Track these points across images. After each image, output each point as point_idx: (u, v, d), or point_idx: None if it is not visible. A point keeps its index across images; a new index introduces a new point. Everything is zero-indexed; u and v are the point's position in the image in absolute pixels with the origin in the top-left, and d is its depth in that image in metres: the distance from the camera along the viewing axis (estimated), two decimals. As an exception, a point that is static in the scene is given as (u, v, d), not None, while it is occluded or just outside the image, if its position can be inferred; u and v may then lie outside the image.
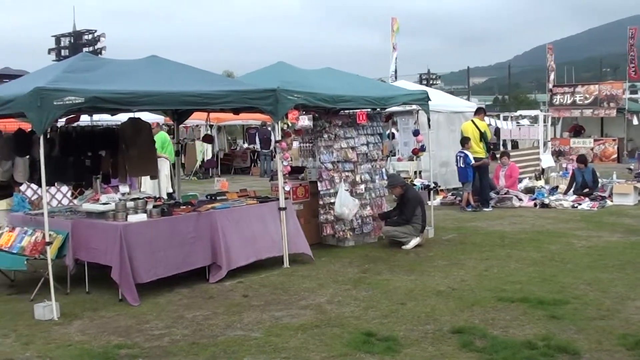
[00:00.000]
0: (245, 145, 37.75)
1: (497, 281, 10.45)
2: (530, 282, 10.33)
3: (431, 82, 75.45)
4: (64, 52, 44.82)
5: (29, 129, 11.94)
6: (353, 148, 13.52)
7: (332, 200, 13.13)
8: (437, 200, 19.28)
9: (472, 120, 19.16)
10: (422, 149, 14.84)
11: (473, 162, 18.25)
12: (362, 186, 13.66)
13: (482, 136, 18.70)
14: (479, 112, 19.88)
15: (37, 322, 8.95)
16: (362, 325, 8.41)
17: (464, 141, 18.62)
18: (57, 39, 45.95)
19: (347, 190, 13.19)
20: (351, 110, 13.91)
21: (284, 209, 11.66)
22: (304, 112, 12.28)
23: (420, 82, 66.06)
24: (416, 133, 14.96)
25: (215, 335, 8.20)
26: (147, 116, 13.66)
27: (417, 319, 8.58)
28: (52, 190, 15.21)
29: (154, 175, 13.47)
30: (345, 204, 12.90)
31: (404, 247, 13.07)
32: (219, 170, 32.86)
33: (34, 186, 15.08)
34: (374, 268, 11.56)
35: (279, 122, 11.60)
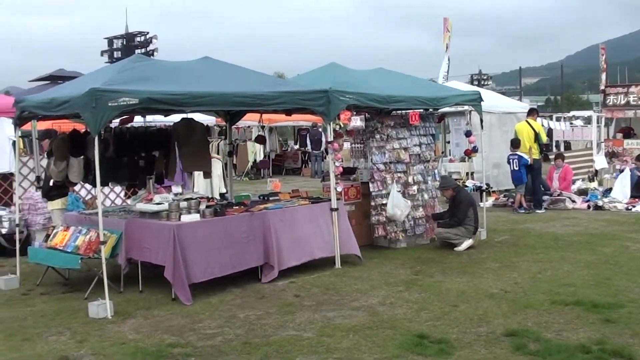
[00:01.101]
0: (296, 146, 37.82)
1: (551, 284, 10.34)
2: (584, 285, 10.20)
3: (482, 83, 74.75)
4: (116, 54, 45.22)
5: (84, 130, 12.09)
6: (405, 149, 13.47)
7: (384, 202, 13.09)
8: (489, 201, 19.11)
9: (527, 121, 18.98)
10: (475, 150, 14.73)
11: (530, 161, 18.07)
12: (415, 187, 13.59)
13: (537, 137, 18.50)
14: (532, 112, 19.65)
15: (91, 320, 9.07)
16: (414, 327, 8.38)
17: (516, 143, 18.43)
18: (110, 40, 46.36)
19: (400, 191, 13.14)
20: (403, 111, 13.84)
21: (336, 209, 11.66)
22: (354, 113, 12.24)
23: (472, 83, 65.49)
24: (468, 134, 14.85)
25: (267, 335, 8.22)
26: (198, 117, 13.71)
27: (470, 322, 8.52)
28: (106, 190, 15.36)
29: (208, 173, 13.50)
30: (397, 205, 12.85)
31: (456, 248, 12.99)
32: (270, 171, 32.98)
33: (88, 186, 15.22)
34: (426, 270, 11.51)
35: (331, 123, 11.59)
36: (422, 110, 13.88)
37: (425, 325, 8.43)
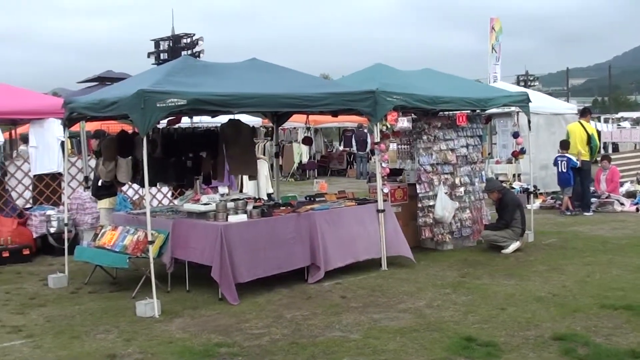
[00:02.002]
0: (342, 147, 37.83)
1: (599, 287, 10.20)
2: (633, 289, 10.06)
3: (529, 84, 74.21)
4: (162, 56, 45.32)
5: (132, 131, 12.20)
6: (452, 150, 13.39)
7: (431, 203, 13.02)
8: (536, 204, 18.92)
9: (580, 122, 18.77)
10: (522, 151, 14.62)
11: (579, 164, 17.86)
12: (462, 189, 13.50)
13: (590, 139, 18.26)
14: (585, 113, 19.44)
15: (139, 319, 9.15)
16: (461, 329, 8.32)
17: (565, 144, 18.23)
18: (156, 42, 46.49)
19: (447, 193, 13.07)
20: (450, 112, 13.77)
21: (383, 211, 11.63)
22: (401, 114, 12.18)
23: (518, 84, 65.06)
24: (516, 135, 14.75)
25: (314, 336, 8.22)
26: (245, 118, 13.78)
27: (518, 325, 8.44)
28: (153, 190, 15.46)
29: (253, 176, 13.54)
30: (445, 207, 12.79)
31: (503, 251, 12.88)
32: (315, 172, 33.03)
33: (135, 186, 15.39)
34: (473, 272, 11.44)
35: (378, 124, 11.56)
36: (469, 111, 13.80)
37: (473, 328, 8.37)
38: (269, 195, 15.41)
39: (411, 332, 8.26)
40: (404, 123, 12.10)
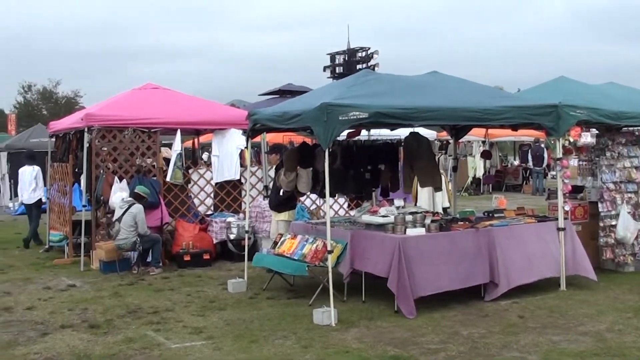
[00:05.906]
0: (517, 162, 37.18)
1: None
2: None
3: None
4: (338, 69, 45.86)
5: (312, 143, 12.41)
6: (637, 168, 12.89)
7: (612, 223, 12.59)
8: None
9: None
10: None
11: None
12: (646, 209, 12.98)
13: None
14: None
15: (316, 327, 9.31)
16: (644, 356, 8.01)
17: None
18: (332, 56, 46.98)
19: (630, 212, 12.61)
20: (636, 128, 13.27)
21: (563, 229, 11.34)
22: (584, 129, 11.86)
23: None
24: None
25: (491, 355, 8.11)
26: (420, 131, 13.73)
27: None
28: (330, 200, 15.67)
29: (439, 187, 13.42)
30: (627, 228, 12.34)
31: (685, 275, 12.28)
32: (490, 187, 32.57)
33: (313, 196, 15.63)
34: (656, 296, 10.98)
35: (560, 139, 11.29)
36: (655, 127, 13.26)
37: (657, 356, 8.04)
38: (444, 209, 15.32)
39: (591, 357, 8.02)
40: (587, 138, 11.78)
